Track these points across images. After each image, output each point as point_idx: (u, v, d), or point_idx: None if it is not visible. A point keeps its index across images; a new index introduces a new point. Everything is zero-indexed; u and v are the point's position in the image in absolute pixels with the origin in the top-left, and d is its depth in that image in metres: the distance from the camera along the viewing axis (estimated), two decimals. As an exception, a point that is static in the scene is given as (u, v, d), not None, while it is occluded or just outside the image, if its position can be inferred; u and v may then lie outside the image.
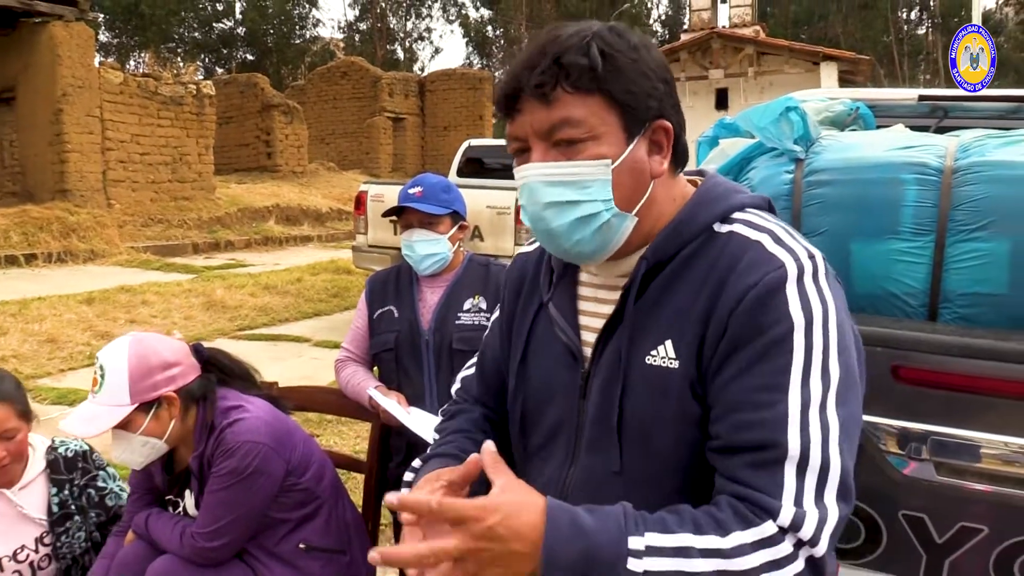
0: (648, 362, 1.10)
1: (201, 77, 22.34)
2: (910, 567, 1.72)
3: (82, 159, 13.64)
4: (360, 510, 2.40)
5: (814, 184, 1.85)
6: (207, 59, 45.95)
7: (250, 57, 45.72)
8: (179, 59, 37.69)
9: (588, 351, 1.18)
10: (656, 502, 1.02)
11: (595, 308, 1.20)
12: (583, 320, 1.21)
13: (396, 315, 2.51)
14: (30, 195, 13.57)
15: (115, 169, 14.67)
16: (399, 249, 2.60)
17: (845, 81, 27.70)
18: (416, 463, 1.28)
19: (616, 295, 1.16)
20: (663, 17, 53.85)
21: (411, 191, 2.50)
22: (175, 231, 15.04)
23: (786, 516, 0.95)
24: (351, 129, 25.52)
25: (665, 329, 1.10)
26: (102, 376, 1.94)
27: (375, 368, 2.62)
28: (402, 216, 2.52)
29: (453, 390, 1.45)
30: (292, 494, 2.06)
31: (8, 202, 13.36)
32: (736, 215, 1.13)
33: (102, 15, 39.68)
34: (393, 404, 2.25)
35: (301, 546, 2.10)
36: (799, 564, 0.95)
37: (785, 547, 0.95)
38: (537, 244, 1.35)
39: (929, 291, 1.77)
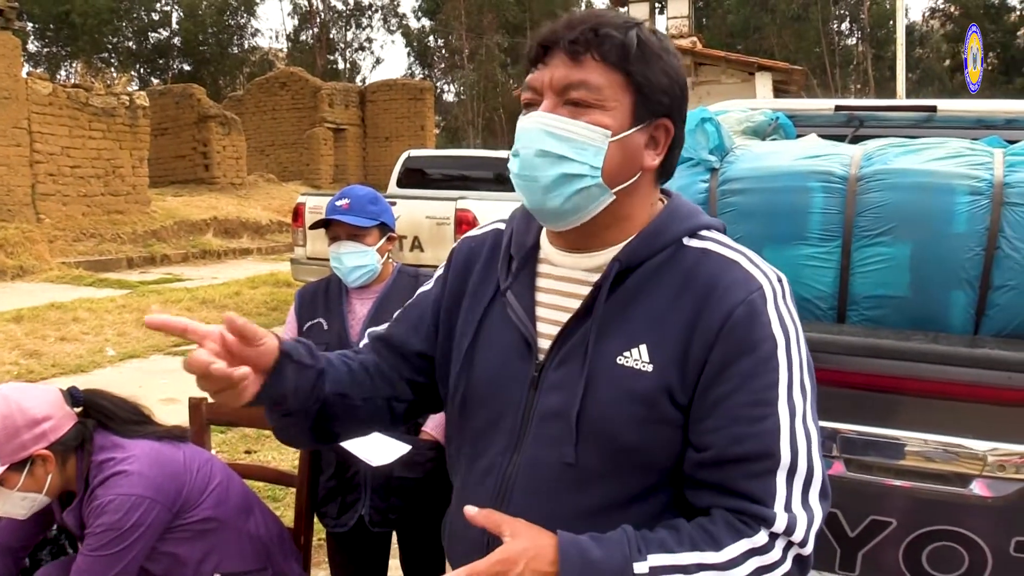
0: (619, 363, 1.13)
1: (136, 88, 21.91)
2: (825, 561, 1.78)
3: (9, 172, 13.22)
4: (289, 522, 2.38)
5: (728, 192, 1.91)
6: (142, 69, 44.96)
7: (187, 67, 44.88)
8: (112, 69, 36.84)
9: (544, 343, 1.20)
10: (612, 496, 1.13)
11: (555, 301, 1.22)
12: (540, 312, 1.22)
13: (325, 327, 2.50)
14: (-46, 210, 13.11)
15: (44, 183, 14.25)
16: (339, 262, 2.58)
17: (780, 91, 28.34)
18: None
19: (580, 290, 1.19)
20: (603, 28, 54.38)
21: (338, 203, 2.50)
22: (108, 246, 14.67)
23: (780, 523, 1.04)
24: (291, 140, 25.22)
25: (639, 333, 1.14)
26: None
27: None
28: (330, 228, 2.52)
29: (361, 344, 1.41)
30: (190, 526, 2.00)
31: (-70, 218, 12.89)
32: (704, 233, 1.20)
33: (31, 24, 38.56)
34: None
35: (216, 575, 2.06)
36: (787, 565, 1.05)
37: (775, 553, 1.04)
38: (487, 230, 1.37)
39: (837, 294, 1.84)
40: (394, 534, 2.56)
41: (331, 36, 48.77)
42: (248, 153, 22.07)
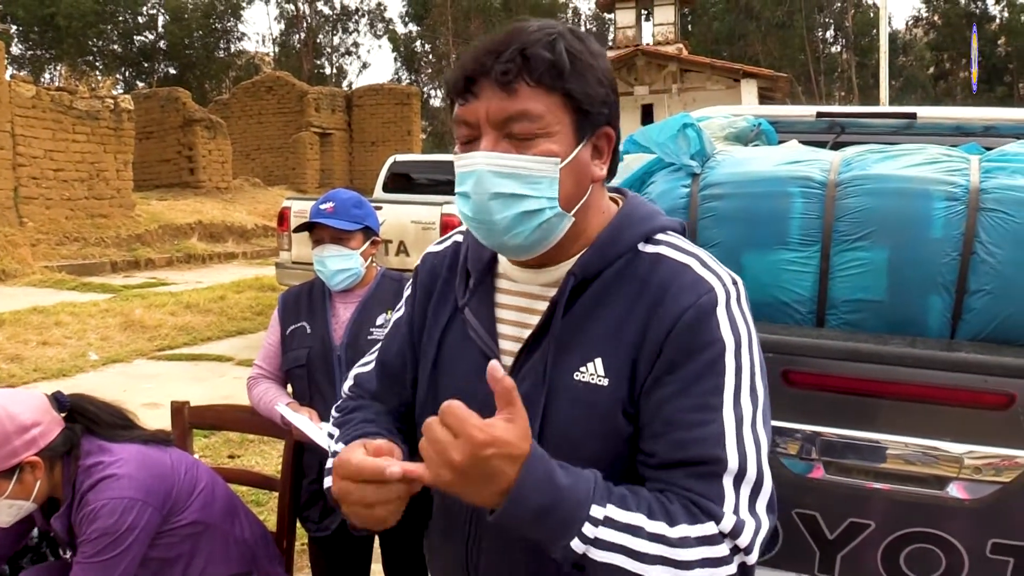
0: (576, 378, 1.11)
1: (121, 91, 21.78)
2: (805, 563, 1.79)
3: (-9, 176, 13.13)
4: (272, 526, 2.38)
5: (709, 198, 1.92)
6: (127, 73, 44.71)
7: (172, 71, 44.67)
8: (97, 72, 36.62)
9: (507, 359, 1.18)
10: None
11: (515, 317, 1.20)
12: (501, 328, 1.20)
13: (309, 331, 2.50)
14: (-65, 213, 12.99)
15: (27, 186, 14.14)
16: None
17: (765, 98, 28.55)
18: (337, 447, 1.23)
19: (538, 305, 1.17)
20: (588, 33, 54.59)
21: (322, 207, 2.50)
22: (92, 249, 14.57)
23: (727, 523, 1.00)
24: (277, 144, 25.14)
25: (594, 347, 1.11)
26: None
27: (288, 385, 2.60)
28: (313, 232, 2.52)
29: (346, 387, 1.40)
30: (178, 530, 2.00)
31: (-89, 221, 12.77)
32: (659, 237, 1.16)
33: (14, 26, 38.32)
34: (304, 420, 2.24)
35: None
36: (732, 567, 1.00)
37: (723, 549, 1.00)
38: (448, 244, 1.34)
39: (816, 298, 1.85)
40: (376, 538, 2.56)
41: (318, 41, 48.68)
42: (234, 157, 21.98)
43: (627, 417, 1.09)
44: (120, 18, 44.07)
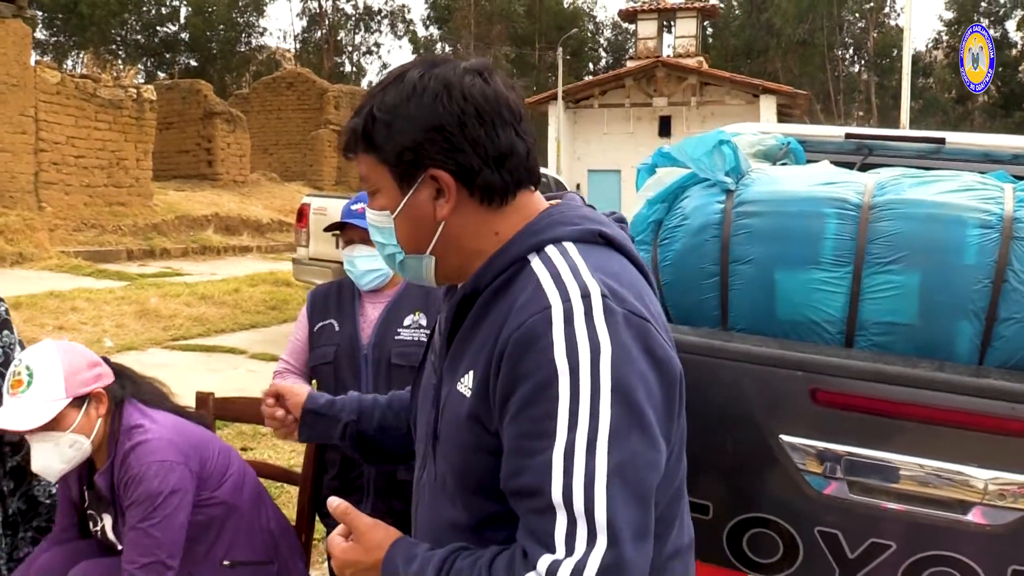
0: (457, 388, 1.16)
1: (142, 81, 21.90)
2: (824, 582, 1.81)
3: (13, 159, 13.24)
4: (293, 521, 2.40)
5: (743, 215, 1.94)
6: (149, 63, 45.01)
7: (193, 63, 44.95)
8: (120, 62, 36.87)
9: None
10: (473, 515, 1.16)
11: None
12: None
13: (337, 329, 2.53)
14: (-44, 194, 13.11)
15: (48, 171, 14.26)
16: (340, 263, 2.62)
17: (783, 114, 28.53)
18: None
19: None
20: (609, 43, 54.75)
21: (354, 207, 2.53)
22: (109, 237, 14.67)
23: (542, 567, 0.99)
24: (295, 140, 25.26)
25: (471, 359, 1.14)
26: (29, 375, 1.91)
27: (313, 381, 2.63)
28: (344, 232, 2.55)
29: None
30: (207, 508, 2.04)
31: (-68, 201, 12.88)
32: (548, 248, 1.13)
33: (40, 12, 38.61)
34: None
35: (226, 563, 2.08)
36: None
37: None
38: None
39: (846, 319, 1.87)
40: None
41: (339, 39, 48.88)
42: (252, 151, 22.10)
43: (487, 431, 1.10)
44: (143, 8, 44.34)
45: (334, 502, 1.21)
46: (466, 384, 1.13)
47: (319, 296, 2.64)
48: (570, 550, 0.98)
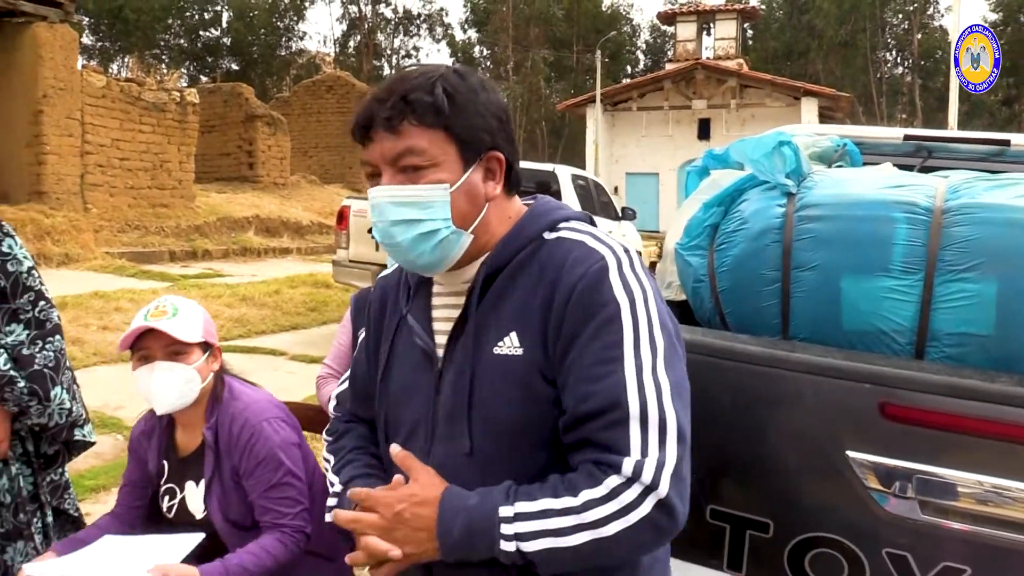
0: (496, 352, 1.25)
1: (185, 85, 22.23)
2: (891, 605, 1.71)
3: (60, 161, 13.50)
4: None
5: (806, 219, 1.85)
6: (191, 67, 45.78)
7: (235, 67, 45.62)
8: (163, 65, 37.53)
9: (441, 352, 1.33)
10: (511, 478, 1.21)
11: (446, 314, 1.35)
12: (436, 326, 1.35)
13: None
14: (5, 196, 13.37)
15: (93, 173, 14.52)
16: (380, 265, 2.58)
17: (825, 117, 28.11)
18: (337, 487, 1.42)
19: (460, 300, 1.32)
20: (647, 46, 54.46)
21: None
22: (152, 238, 14.89)
23: (627, 467, 1.14)
24: (335, 143, 25.48)
25: (508, 323, 1.26)
26: (174, 309, 2.03)
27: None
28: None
29: (331, 407, 1.59)
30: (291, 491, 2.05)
31: (-18, 202, 13.17)
32: (563, 225, 1.32)
33: (86, 18, 39.46)
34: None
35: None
36: (645, 508, 1.14)
37: (628, 496, 1.14)
38: (396, 266, 1.48)
39: (917, 329, 1.77)
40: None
41: (378, 42, 49.25)
42: (292, 154, 22.32)
43: (545, 381, 1.23)
44: (187, 13, 45.11)
45: (395, 448, 1.25)
46: (510, 345, 1.25)
47: (362, 301, 2.60)
48: (645, 451, 1.15)
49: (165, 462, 2.16)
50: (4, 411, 2.14)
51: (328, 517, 1.37)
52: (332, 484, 1.45)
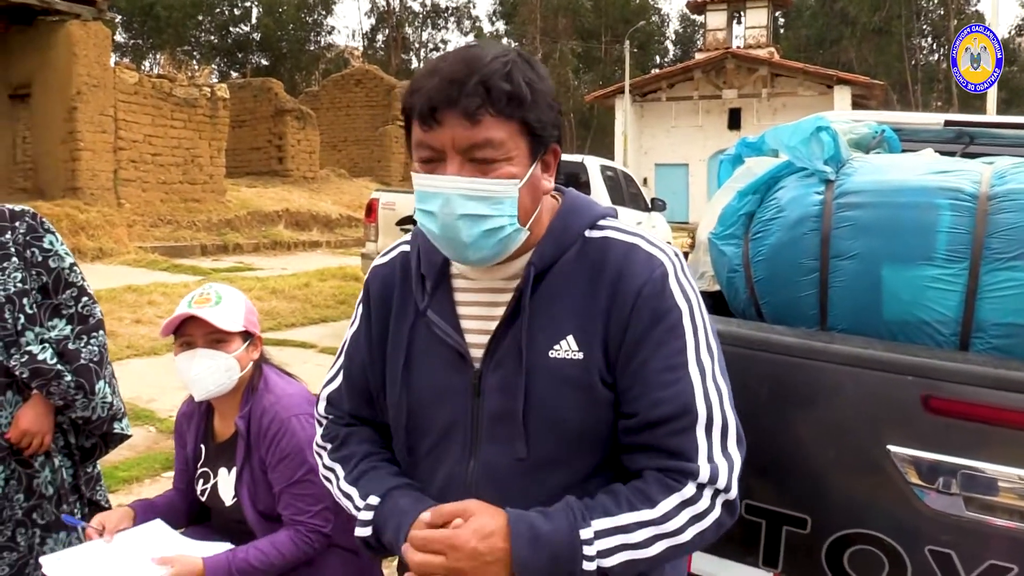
0: (552, 355, 1.22)
1: (215, 80, 22.42)
2: (934, 604, 1.66)
3: (94, 157, 13.68)
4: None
5: (845, 206, 1.80)
6: (222, 63, 46.20)
7: (264, 62, 45.97)
8: (194, 62, 37.88)
9: (476, 352, 1.27)
10: (566, 480, 1.22)
11: (478, 311, 1.28)
12: (465, 324, 1.28)
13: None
14: (41, 192, 13.60)
15: (126, 168, 14.71)
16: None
17: (858, 105, 27.67)
18: (372, 500, 1.29)
19: (501, 298, 1.26)
20: (676, 35, 53.98)
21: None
22: (184, 232, 15.06)
23: (704, 474, 1.16)
24: (363, 137, 25.56)
25: (564, 325, 1.23)
26: (218, 297, 2.03)
27: None
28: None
29: (321, 408, 1.48)
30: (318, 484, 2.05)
31: (19, 198, 13.37)
32: (602, 223, 1.30)
33: (119, 16, 39.94)
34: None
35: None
36: (717, 511, 1.17)
37: (704, 502, 1.16)
38: (394, 255, 1.41)
39: (961, 320, 1.71)
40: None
41: (406, 36, 49.34)
42: (321, 148, 22.45)
43: (605, 384, 1.22)
44: (217, 10, 45.50)
45: (425, 517, 1.18)
46: (567, 349, 1.22)
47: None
48: (712, 456, 1.18)
49: (203, 446, 2.19)
50: (49, 404, 2.17)
51: (360, 531, 1.28)
52: (350, 497, 1.34)
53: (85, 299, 2.27)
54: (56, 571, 1.88)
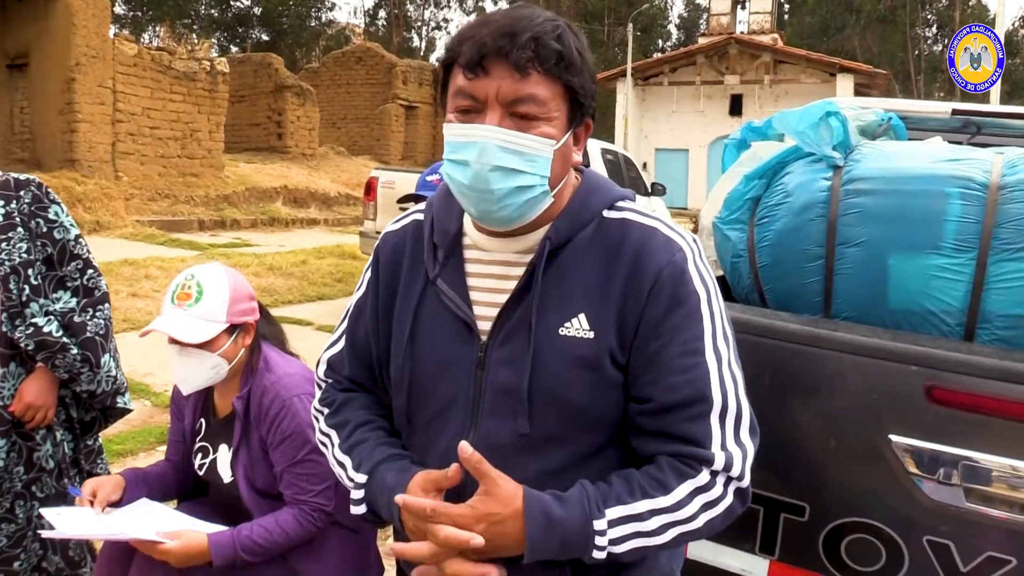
0: (562, 333, 1.20)
1: (215, 54, 22.25)
2: (931, 595, 1.66)
3: (92, 129, 13.59)
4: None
5: (853, 193, 1.78)
6: (222, 37, 45.82)
7: (265, 37, 45.60)
8: (194, 35, 37.56)
9: (484, 324, 1.25)
10: (569, 457, 1.21)
11: (489, 284, 1.27)
12: (475, 295, 1.27)
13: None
14: (38, 163, 13.51)
15: (124, 141, 14.61)
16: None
17: (860, 94, 27.55)
18: (360, 477, 1.30)
19: (514, 271, 1.25)
20: (680, 19, 53.67)
21: (429, 178, 2.45)
22: (182, 207, 14.99)
23: (719, 461, 1.16)
24: (363, 115, 25.43)
25: (576, 304, 1.21)
26: (199, 292, 1.95)
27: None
28: (418, 203, 2.46)
29: (320, 372, 1.48)
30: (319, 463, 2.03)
31: (16, 169, 13.24)
32: (620, 204, 1.28)
33: (119, -14, 39.53)
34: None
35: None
36: (729, 498, 1.18)
37: (717, 489, 1.16)
38: (407, 222, 1.39)
39: (967, 310, 1.70)
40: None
41: (408, 14, 48.98)
42: (320, 125, 22.32)
43: (615, 366, 1.20)
44: (218, -18, 45.04)
45: (466, 448, 1.14)
46: (578, 327, 1.20)
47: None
48: (725, 444, 1.17)
49: (203, 420, 2.17)
50: (54, 378, 2.15)
51: (355, 509, 1.29)
52: (344, 466, 1.34)
53: (91, 271, 2.24)
54: (56, 522, 1.87)
